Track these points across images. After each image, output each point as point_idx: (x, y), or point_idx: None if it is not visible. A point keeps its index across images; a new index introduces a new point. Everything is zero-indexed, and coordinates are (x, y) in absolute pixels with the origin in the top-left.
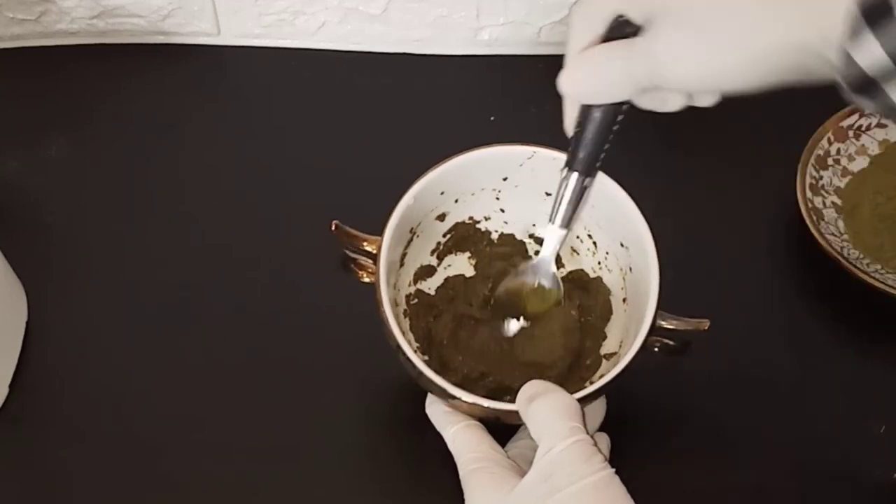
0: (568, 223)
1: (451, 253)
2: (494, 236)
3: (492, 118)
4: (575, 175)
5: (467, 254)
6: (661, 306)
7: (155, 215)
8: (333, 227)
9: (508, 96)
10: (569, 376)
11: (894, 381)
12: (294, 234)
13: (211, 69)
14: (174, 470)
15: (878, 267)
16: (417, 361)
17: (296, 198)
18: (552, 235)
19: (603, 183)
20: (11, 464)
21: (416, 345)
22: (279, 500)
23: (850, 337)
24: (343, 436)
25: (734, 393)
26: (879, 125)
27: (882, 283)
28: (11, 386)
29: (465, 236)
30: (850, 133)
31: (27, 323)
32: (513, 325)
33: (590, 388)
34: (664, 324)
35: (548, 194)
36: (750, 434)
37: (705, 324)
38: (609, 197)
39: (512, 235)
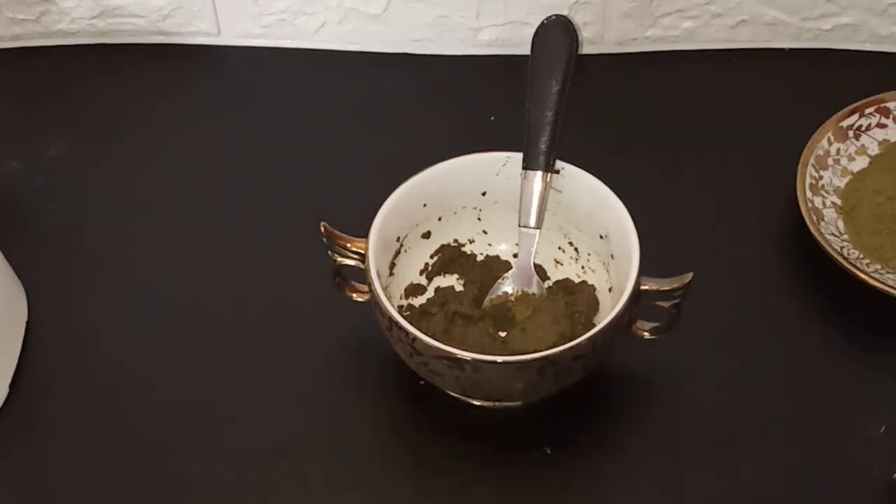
0: (537, 222)
1: (439, 275)
2: (480, 258)
3: (492, 118)
4: (533, 173)
5: (455, 275)
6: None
7: (155, 215)
8: (322, 230)
9: (508, 96)
10: None
11: (894, 381)
12: (294, 233)
13: (211, 69)
14: (174, 469)
15: (878, 267)
16: (412, 328)
17: (296, 197)
18: (525, 238)
19: (576, 176)
20: (12, 464)
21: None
22: (279, 500)
23: (850, 337)
24: (343, 436)
25: (732, 392)
26: (879, 125)
27: (882, 283)
28: (11, 386)
29: (451, 258)
30: (850, 133)
31: (27, 323)
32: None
33: (591, 332)
34: (648, 287)
35: None
36: (749, 433)
37: (688, 277)
38: (583, 189)
39: (497, 257)
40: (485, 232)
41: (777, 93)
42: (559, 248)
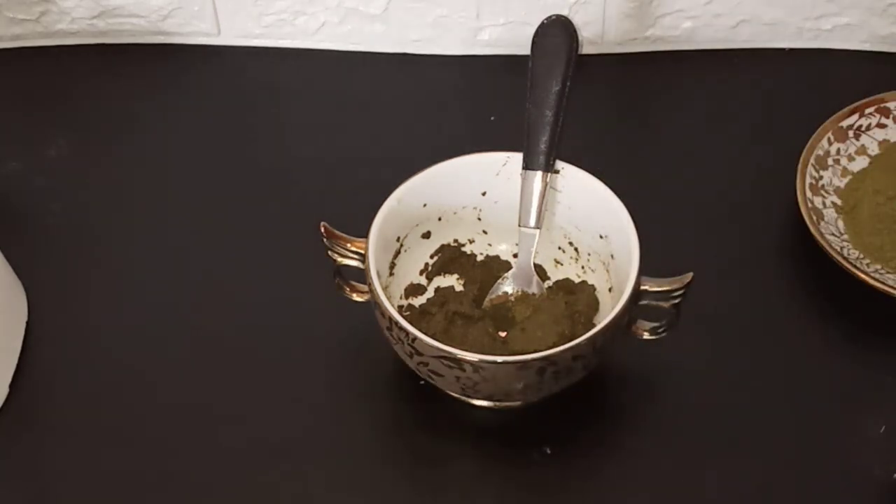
0: (537, 222)
1: (439, 275)
2: (480, 258)
3: (492, 118)
4: (533, 173)
5: (455, 275)
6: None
7: (154, 215)
8: (322, 230)
9: (508, 96)
10: None
11: (894, 381)
12: (294, 233)
13: (211, 69)
14: (174, 469)
15: (878, 267)
16: (412, 328)
17: (295, 198)
18: (525, 238)
19: (576, 177)
20: (12, 463)
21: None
22: (279, 500)
23: (850, 337)
24: (343, 436)
25: (733, 392)
26: (879, 125)
27: (882, 283)
28: (11, 386)
29: (451, 258)
30: (850, 133)
31: (27, 323)
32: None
33: (591, 332)
34: (648, 287)
35: None
36: (748, 433)
37: (688, 277)
38: (583, 189)
39: (497, 257)
40: (485, 232)
41: (777, 93)
42: (559, 248)
